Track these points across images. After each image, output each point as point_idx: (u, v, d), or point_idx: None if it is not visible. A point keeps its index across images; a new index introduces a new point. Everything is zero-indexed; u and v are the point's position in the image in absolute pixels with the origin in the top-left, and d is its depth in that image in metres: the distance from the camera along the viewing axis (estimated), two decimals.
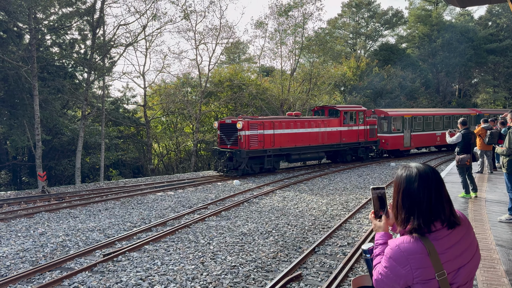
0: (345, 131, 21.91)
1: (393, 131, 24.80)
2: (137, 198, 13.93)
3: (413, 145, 26.01)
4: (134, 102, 31.30)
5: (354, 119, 22.29)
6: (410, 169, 1.90)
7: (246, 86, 31.57)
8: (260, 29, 33.28)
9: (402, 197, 1.87)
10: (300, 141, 19.76)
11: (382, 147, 24.70)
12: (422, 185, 1.83)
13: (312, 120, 20.63)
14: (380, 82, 39.18)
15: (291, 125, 19.50)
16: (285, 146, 19.10)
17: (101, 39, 22.73)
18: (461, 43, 45.65)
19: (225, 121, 18.61)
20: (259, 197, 13.73)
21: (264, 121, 18.38)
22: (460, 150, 9.79)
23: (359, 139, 22.63)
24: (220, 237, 9.15)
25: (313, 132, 20.40)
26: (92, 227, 10.25)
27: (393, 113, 25.13)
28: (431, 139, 27.36)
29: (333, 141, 21.34)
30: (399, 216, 1.89)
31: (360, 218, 10.86)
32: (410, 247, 1.77)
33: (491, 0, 10.40)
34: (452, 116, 28.80)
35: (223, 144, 18.63)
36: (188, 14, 27.15)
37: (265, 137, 18.29)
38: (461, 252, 1.82)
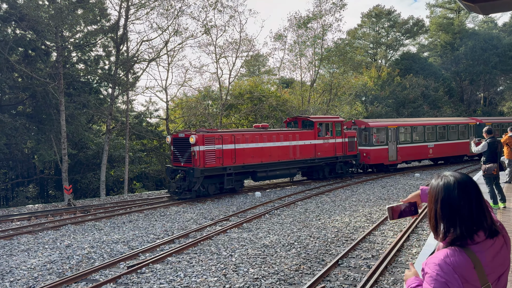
0: (321, 144, 19.72)
1: (376, 144, 22.42)
2: (160, 210, 14.08)
3: (400, 158, 23.55)
4: (157, 116, 31.84)
5: (330, 131, 20.20)
6: (447, 177, 1.84)
7: (266, 98, 31.70)
8: (279, 41, 33.53)
9: (441, 207, 1.80)
10: (268, 157, 17.61)
11: (363, 161, 22.37)
12: (462, 193, 1.77)
13: (282, 133, 18.46)
14: (402, 92, 38.69)
15: (256, 138, 17.31)
16: (249, 162, 16.92)
17: (125, 55, 23.33)
18: (485, 51, 44.74)
19: (178, 135, 16.32)
20: (280, 209, 13.67)
21: (223, 134, 16.28)
22: (487, 160, 9.54)
23: (337, 153, 20.39)
24: (242, 249, 9.13)
25: (283, 146, 18.23)
26: (116, 239, 10.39)
27: (375, 124, 22.87)
28: (422, 152, 24.74)
29: (306, 156, 19.13)
30: (438, 226, 1.82)
31: (384, 230, 10.66)
32: (456, 261, 1.69)
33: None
34: (447, 126, 26.31)
35: (177, 161, 16.30)
36: (208, 29, 27.60)
37: (224, 152, 16.08)
38: (502, 261, 1.77)
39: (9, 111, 21.69)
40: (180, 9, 24.43)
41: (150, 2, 22.51)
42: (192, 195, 15.56)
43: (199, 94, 32.22)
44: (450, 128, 26.37)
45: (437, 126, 25.75)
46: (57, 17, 18.30)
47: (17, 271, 8.14)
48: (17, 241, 10.46)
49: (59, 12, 18.38)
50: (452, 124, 26.84)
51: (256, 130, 18.00)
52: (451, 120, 27.70)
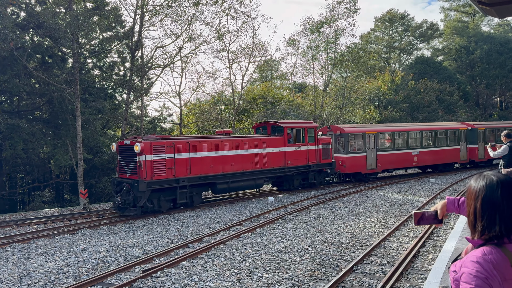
0: (291, 152, 18.13)
1: (352, 151, 20.81)
2: (173, 215, 14.15)
3: (380, 167, 21.85)
4: (171, 121, 32.10)
5: (302, 137, 18.60)
6: (489, 177, 1.87)
7: (278, 102, 31.74)
8: (292, 46, 33.57)
9: (482, 204, 1.82)
10: (230, 166, 15.99)
11: (339, 169, 20.70)
12: (505, 192, 1.79)
13: (246, 140, 16.80)
14: (417, 96, 38.32)
15: (216, 146, 15.63)
16: (207, 173, 15.25)
17: (139, 61, 23.62)
18: (501, 54, 44.05)
19: (124, 143, 14.61)
20: (293, 214, 13.63)
21: (175, 141, 14.59)
22: (508, 163, 9.37)
23: (310, 161, 18.80)
24: (256, 254, 9.13)
25: (247, 155, 16.58)
26: (131, 243, 10.48)
27: (351, 130, 21.27)
28: (405, 160, 22.95)
29: (275, 165, 17.52)
30: (477, 223, 1.83)
31: (399, 236, 10.54)
32: (495, 258, 1.70)
33: None
34: (435, 132, 24.48)
35: (122, 172, 14.61)
36: (221, 35, 27.79)
37: (177, 162, 14.37)
38: None
39: (26, 116, 22.12)
40: (193, 16, 24.66)
41: (164, 9, 22.77)
42: (137, 212, 13.64)
43: (212, 99, 32.41)
44: (438, 133, 24.69)
45: (422, 132, 24.01)
46: (74, 24, 18.64)
47: (35, 274, 8.27)
48: (34, 245, 10.63)
49: (75, 19, 18.72)
50: (440, 129, 25.09)
51: (216, 136, 16.41)
52: (440, 125, 25.95)
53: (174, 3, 22.79)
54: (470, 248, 1.87)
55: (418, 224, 2.33)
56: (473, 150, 26.28)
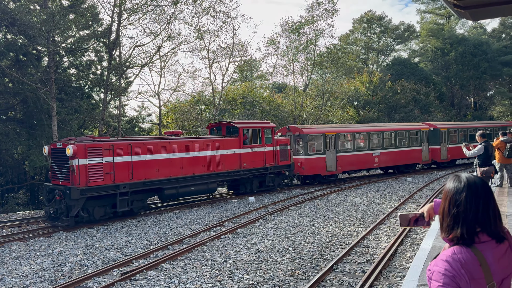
0: (247, 153, 17.24)
1: (311, 152, 20.17)
2: (153, 216, 13.98)
3: (340, 168, 21.26)
4: (149, 121, 31.72)
5: (259, 138, 17.77)
6: (459, 179, 1.91)
7: (259, 102, 31.78)
8: (272, 46, 33.67)
9: (449, 205, 1.87)
10: (179, 170, 14.86)
11: (297, 171, 20.05)
12: (470, 195, 1.83)
13: (198, 141, 15.73)
14: (394, 97, 39.01)
15: (162, 148, 14.46)
16: (153, 177, 14.06)
17: (117, 60, 23.25)
18: (474, 56, 45.32)
19: (56, 145, 13.22)
20: (274, 214, 13.66)
21: (114, 143, 13.26)
22: (482, 163, 9.66)
23: (267, 164, 17.97)
24: (237, 255, 9.10)
25: (199, 157, 15.54)
26: (109, 246, 10.30)
27: (310, 131, 20.59)
28: (366, 161, 22.51)
29: (230, 167, 16.60)
30: (444, 222, 1.90)
31: (378, 235, 10.70)
32: (464, 257, 1.75)
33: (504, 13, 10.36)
34: (396, 132, 24.13)
35: (55, 178, 13.29)
36: (201, 34, 27.64)
37: (116, 166, 13.09)
38: (506, 265, 1.82)
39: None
40: (172, 15, 24.45)
41: (142, 8, 22.48)
42: (70, 222, 12.28)
43: (192, 99, 32.19)
44: (399, 134, 24.35)
45: (383, 133, 23.58)
46: (49, 22, 18.20)
47: (9, 279, 8.03)
48: (8, 249, 10.32)
49: (50, 17, 18.28)
50: (402, 130, 24.73)
51: (164, 138, 15.37)
52: (401, 126, 25.61)
53: (152, 1, 22.54)
54: (447, 247, 1.91)
55: (405, 226, 2.36)
56: (435, 150, 26.14)
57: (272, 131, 18.36)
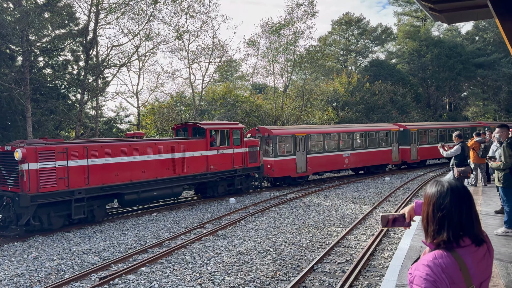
0: (215, 155, 16.69)
1: (281, 154, 19.86)
2: (132, 219, 13.79)
3: (310, 170, 21.03)
4: (128, 122, 31.30)
5: (227, 139, 17.28)
6: (441, 183, 1.94)
7: (239, 103, 31.76)
8: (252, 47, 33.73)
9: (433, 210, 1.89)
10: (140, 174, 14.16)
11: (267, 173, 19.64)
12: (454, 199, 1.86)
13: (161, 143, 15.10)
14: (372, 98, 39.61)
15: (122, 151, 13.72)
16: (112, 182, 13.34)
17: (94, 60, 22.84)
18: (450, 58, 46.46)
19: (5, 148, 12.30)
20: (255, 215, 13.67)
21: (68, 146, 12.45)
22: (459, 163, 9.93)
23: (235, 166, 17.48)
24: (218, 257, 9.07)
25: (162, 160, 14.84)
26: (87, 250, 10.11)
27: (280, 132, 20.24)
28: (336, 162, 22.37)
29: (196, 170, 15.97)
30: (429, 228, 1.91)
31: (357, 234, 10.84)
32: (444, 262, 1.78)
33: (477, 16, 10.66)
34: (366, 133, 24.13)
35: (4, 184, 12.40)
36: (181, 34, 27.44)
37: (71, 171, 12.33)
38: (484, 268, 1.86)
39: None
40: (151, 14, 24.18)
41: (120, 7, 22.16)
42: (20, 231, 11.44)
43: (172, 99, 31.91)
44: (369, 135, 24.35)
45: (353, 133, 23.59)
46: (23, 21, 17.73)
47: None
48: None
49: (25, 16, 17.82)
50: (372, 130, 24.67)
51: (124, 140, 14.62)
52: (372, 127, 25.57)
53: (131, 1, 22.24)
54: (427, 251, 1.94)
55: (386, 227, 2.39)
56: (405, 151, 26.23)
57: (240, 132, 17.92)
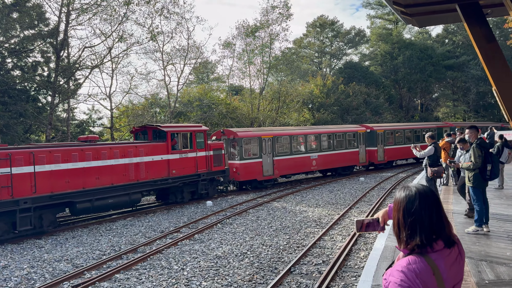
0: (177, 160, 16.01)
1: (247, 157, 19.41)
2: (105, 225, 13.48)
3: (277, 172, 20.75)
4: (101, 124, 30.66)
5: (190, 143, 16.66)
6: (409, 188, 1.94)
7: (215, 105, 31.61)
8: (228, 49, 33.67)
9: (403, 215, 1.89)
10: (94, 180, 13.34)
11: (233, 177, 19.18)
12: (423, 203, 1.86)
13: (118, 147, 14.27)
14: (346, 99, 40.20)
15: (73, 156, 12.90)
16: (62, 190, 12.49)
17: (66, 62, 22.27)
18: (421, 60, 47.69)
19: None
20: (232, 218, 13.60)
21: (12, 152, 11.56)
22: (432, 163, 10.17)
23: (199, 170, 16.85)
24: (194, 262, 8.96)
25: (119, 165, 14.03)
26: (59, 257, 9.81)
27: (245, 134, 19.74)
28: (303, 164, 22.14)
29: (157, 175, 15.29)
30: (401, 234, 1.90)
31: (333, 235, 10.93)
32: (418, 267, 1.78)
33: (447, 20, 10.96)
34: (333, 135, 24.05)
35: None
36: (155, 36, 27.10)
37: (15, 178, 11.49)
38: (456, 271, 1.87)
39: None
40: (124, 15, 23.78)
41: (92, 8, 21.68)
42: None
43: (146, 101, 31.46)
44: (336, 136, 24.26)
45: (320, 135, 23.41)
46: None
47: None
48: None
49: None
50: (339, 132, 24.63)
51: (75, 144, 13.65)
52: (339, 128, 25.51)
53: (103, 1, 21.81)
54: (401, 256, 1.95)
55: (360, 232, 2.38)
56: (372, 152, 26.38)
57: (204, 135, 17.33)
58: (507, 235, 7.39)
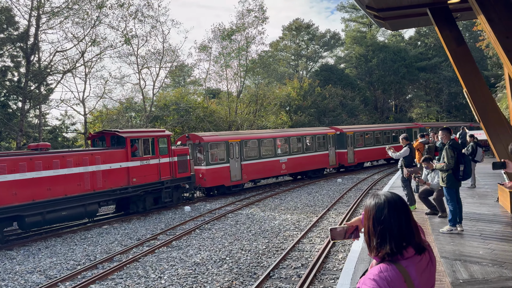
0: (137, 167, 15.17)
1: (213, 162, 18.84)
2: (80, 233, 13.13)
3: (245, 177, 20.27)
4: (74, 130, 29.95)
5: (152, 148, 15.85)
6: (378, 196, 1.94)
7: (193, 109, 31.37)
8: (204, 52, 33.51)
9: (373, 223, 1.89)
10: (46, 191, 12.50)
11: (199, 183, 18.50)
12: (392, 211, 1.87)
13: (71, 155, 13.29)
14: (323, 101, 40.62)
15: (21, 166, 12.01)
16: (8, 203, 11.67)
17: (36, 66, 21.67)
18: (394, 62, 48.70)
19: None
20: (211, 223, 13.48)
21: None
22: (408, 163, 10.37)
23: (162, 177, 16.07)
24: (172, 270, 8.81)
25: (72, 175, 13.13)
26: (31, 269, 9.48)
27: (211, 138, 19.22)
28: (273, 168, 21.73)
29: (115, 185, 14.43)
30: (371, 242, 1.91)
31: (312, 238, 10.97)
32: (390, 275, 1.78)
33: (419, 23, 11.20)
34: (302, 137, 23.87)
35: None
36: (129, 39, 26.72)
37: None
38: (428, 278, 1.88)
39: None
40: (97, 19, 23.34)
41: (64, 11, 21.19)
42: None
43: (121, 106, 30.94)
44: (305, 139, 24.09)
45: (290, 138, 23.07)
46: None
47: None
48: None
49: None
50: (308, 135, 24.45)
51: (23, 153, 12.71)
52: (308, 131, 25.27)
53: (75, 5, 21.34)
54: (375, 263, 1.94)
55: (335, 240, 2.37)
56: (342, 154, 26.24)
57: (167, 140, 16.55)
58: (480, 234, 7.57)
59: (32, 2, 19.87)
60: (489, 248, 6.67)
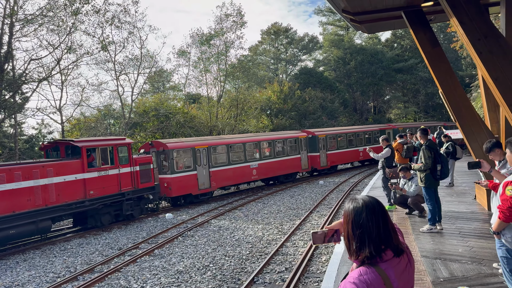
0: (95, 178, 14.24)
1: (179, 170, 18.00)
2: (59, 245, 12.82)
3: (214, 185, 19.45)
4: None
5: (110, 158, 14.83)
6: (356, 200, 1.96)
7: (173, 114, 31.13)
8: (183, 57, 33.34)
9: (352, 227, 1.91)
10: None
11: (164, 193, 17.67)
12: (370, 215, 1.89)
13: (18, 168, 12.26)
14: (303, 104, 40.90)
15: None
16: None
17: (11, 75, 21.14)
18: (372, 64, 49.47)
19: None
20: (193, 230, 13.35)
21: None
22: (389, 164, 10.52)
23: (123, 188, 15.13)
24: (154, 279, 8.68)
25: (20, 189, 12.19)
26: (9, 283, 9.19)
27: (176, 145, 18.36)
28: (243, 174, 21.10)
29: (70, 198, 13.50)
30: (351, 246, 1.92)
31: (295, 241, 10.98)
32: (369, 278, 1.79)
33: (394, 26, 11.41)
34: (273, 142, 23.26)
35: None
36: (106, 45, 26.37)
37: None
38: (407, 280, 1.90)
39: None
40: (73, 25, 22.96)
41: (38, 18, 20.76)
42: None
43: (99, 113, 30.46)
44: (276, 143, 23.51)
45: (260, 143, 22.45)
46: None
47: None
48: None
49: None
50: (279, 139, 23.83)
51: None
52: (279, 135, 24.64)
53: (49, 12, 20.94)
54: (355, 267, 1.96)
55: (316, 244, 2.37)
56: (314, 157, 25.80)
57: (128, 149, 15.55)
58: (459, 232, 7.71)
59: (4, 9, 19.44)
60: (468, 245, 6.80)
